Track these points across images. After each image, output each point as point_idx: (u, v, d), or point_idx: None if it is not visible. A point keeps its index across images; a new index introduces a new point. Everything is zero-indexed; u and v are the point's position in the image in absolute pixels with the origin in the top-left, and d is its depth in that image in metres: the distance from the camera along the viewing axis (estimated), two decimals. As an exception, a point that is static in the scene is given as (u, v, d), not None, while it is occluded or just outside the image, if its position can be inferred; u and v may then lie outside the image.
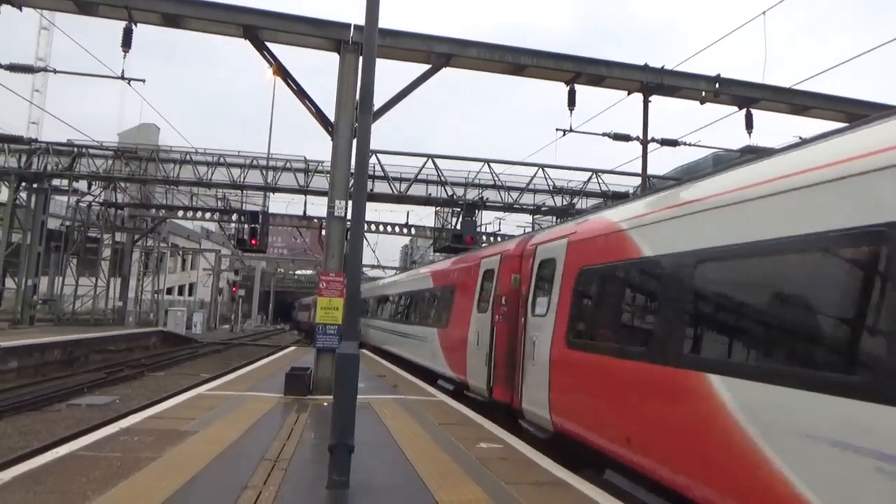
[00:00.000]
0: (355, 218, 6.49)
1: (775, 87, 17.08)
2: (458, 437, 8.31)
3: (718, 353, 5.19)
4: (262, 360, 21.13)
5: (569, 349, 7.80)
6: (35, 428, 12.49)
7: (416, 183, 28.69)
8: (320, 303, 11.56)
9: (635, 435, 5.96)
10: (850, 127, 4.73)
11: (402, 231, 37.69)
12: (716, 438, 4.78)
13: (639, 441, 5.90)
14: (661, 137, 20.11)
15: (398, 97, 13.21)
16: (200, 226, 62.53)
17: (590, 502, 5.63)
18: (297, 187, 29.45)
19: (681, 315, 5.64)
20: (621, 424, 6.24)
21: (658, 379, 5.68)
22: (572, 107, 16.60)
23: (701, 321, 5.57)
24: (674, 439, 5.37)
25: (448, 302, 14.91)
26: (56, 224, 33.92)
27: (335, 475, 5.74)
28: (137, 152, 30.67)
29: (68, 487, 5.30)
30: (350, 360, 6.03)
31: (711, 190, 5.71)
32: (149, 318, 41.20)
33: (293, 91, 13.32)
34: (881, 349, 3.71)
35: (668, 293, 5.87)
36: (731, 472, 4.60)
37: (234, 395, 11.17)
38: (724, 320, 5.34)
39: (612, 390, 6.60)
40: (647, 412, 5.84)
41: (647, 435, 5.78)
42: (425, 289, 18.46)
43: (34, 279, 29.00)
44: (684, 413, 5.26)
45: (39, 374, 19.58)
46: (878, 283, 3.89)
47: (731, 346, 5.13)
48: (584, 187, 29.88)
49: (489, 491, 5.80)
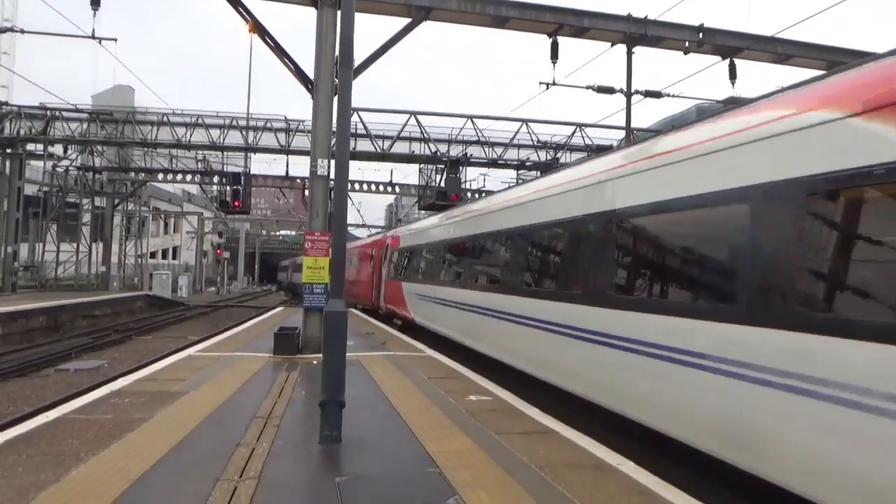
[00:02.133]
0: (338, 176, 6.43)
1: (759, 35, 16.97)
2: (448, 390, 8.45)
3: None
4: (249, 321, 21.19)
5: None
6: (24, 393, 12.50)
7: (399, 140, 28.42)
8: (306, 262, 11.54)
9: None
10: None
11: (386, 189, 37.47)
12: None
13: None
14: (646, 89, 19.99)
15: (378, 52, 12.97)
16: (181, 188, 61.69)
17: (576, 448, 5.78)
18: (278, 147, 29.06)
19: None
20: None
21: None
22: (555, 59, 16.45)
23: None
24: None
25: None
26: (33, 190, 33.32)
27: (327, 430, 5.83)
28: (113, 114, 29.99)
29: (61, 450, 5.34)
30: (338, 318, 6.06)
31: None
32: (133, 282, 40.95)
33: (271, 48, 13.01)
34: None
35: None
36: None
37: (224, 356, 11.22)
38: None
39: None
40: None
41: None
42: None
43: (14, 246, 28.62)
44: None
45: (25, 340, 19.49)
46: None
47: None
48: (568, 141, 29.75)
49: (479, 441, 5.93)
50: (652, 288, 6.28)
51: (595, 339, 6.77)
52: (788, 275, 4.36)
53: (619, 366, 6.30)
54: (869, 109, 3.89)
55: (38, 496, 4.25)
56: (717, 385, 4.85)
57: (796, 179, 4.32)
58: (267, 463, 5.17)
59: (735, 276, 4.85)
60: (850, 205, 4.09)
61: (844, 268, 4.11)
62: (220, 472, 4.88)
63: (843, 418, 3.75)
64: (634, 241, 6.65)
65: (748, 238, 4.71)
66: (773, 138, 4.65)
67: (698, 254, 5.64)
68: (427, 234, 17.03)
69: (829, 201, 4.18)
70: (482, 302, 11.03)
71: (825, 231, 4.25)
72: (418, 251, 17.55)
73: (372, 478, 4.93)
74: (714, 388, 4.89)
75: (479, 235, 12.04)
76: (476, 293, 11.59)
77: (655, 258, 6.36)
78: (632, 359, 5.99)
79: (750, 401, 4.51)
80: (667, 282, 6.08)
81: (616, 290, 6.64)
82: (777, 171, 4.51)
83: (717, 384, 4.85)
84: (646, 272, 6.50)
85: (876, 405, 3.55)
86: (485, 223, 11.79)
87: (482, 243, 11.96)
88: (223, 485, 4.60)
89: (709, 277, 5.49)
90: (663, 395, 5.55)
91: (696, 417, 5.12)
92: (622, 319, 6.30)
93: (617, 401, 6.33)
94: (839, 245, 4.16)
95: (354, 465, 5.29)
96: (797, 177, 4.32)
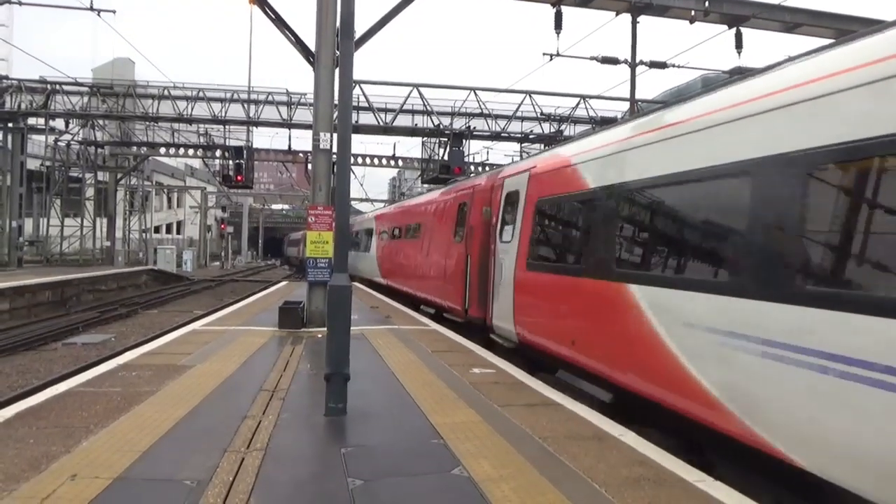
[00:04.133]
0: (341, 150, 6.40)
1: (766, 3, 16.69)
2: (451, 363, 8.51)
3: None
4: (254, 295, 21.31)
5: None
6: (33, 367, 12.66)
7: (401, 113, 28.19)
8: (310, 237, 11.56)
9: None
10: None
11: (389, 163, 37.29)
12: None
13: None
14: (650, 60, 19.76)
15: (381, 23, 12.81)
16: (184, 163, 61.54)
17: (579, 419, 5.84)
18: (280, 121, 28.87)
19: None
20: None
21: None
22: (559, 29, 16.23)
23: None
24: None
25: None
26: (36, 165, 33.25)
27: (332, 403, 5.89)
28: (114, 88, 29.80)
29: (71, 422, 5.42)
30: (342, 292, 6.09)
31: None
32: (138, 257, 41.10)
33: (271, 20, 12.86)
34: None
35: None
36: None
37: (229, 330, 11.30)
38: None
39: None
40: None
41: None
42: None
43: (18, 221, 28.68)
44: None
45: (32, 314, 19.67)
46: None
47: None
48: (572, 113, 29.47)
49: (483, 413, 5.99)
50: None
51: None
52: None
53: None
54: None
55: (49, 467, 4.32)
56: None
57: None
58: (273, 435, 5.23)
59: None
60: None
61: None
62: (227, 443, 4.95)
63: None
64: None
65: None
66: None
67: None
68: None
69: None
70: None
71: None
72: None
73: (377, 449, 4.99)
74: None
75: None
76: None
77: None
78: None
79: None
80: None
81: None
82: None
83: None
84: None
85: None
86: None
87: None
88: (230, 456, 4.67)
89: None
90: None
91: None
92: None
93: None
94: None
95: (359, 436, 5.35)
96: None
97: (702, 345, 5.10)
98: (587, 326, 7.14)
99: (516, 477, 4.36)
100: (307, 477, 4.48)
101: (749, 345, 4.60)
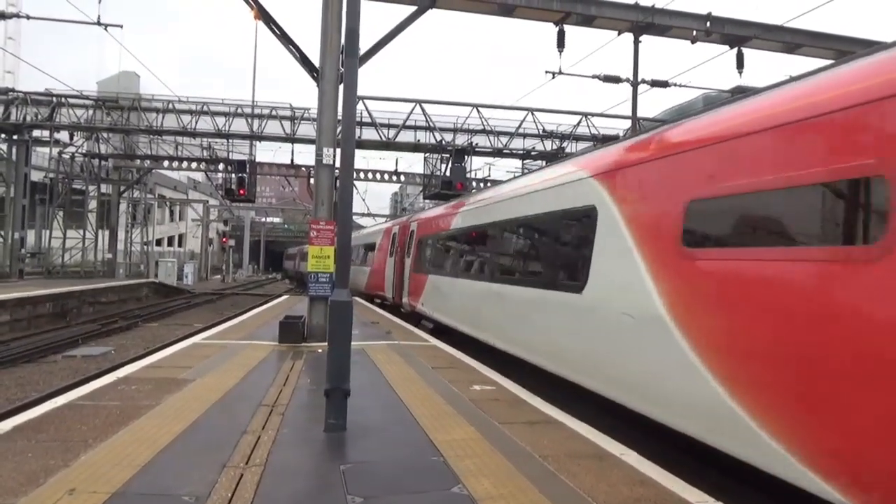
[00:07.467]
0: (344, 165, 6.43)
1: (767, 24, 16.82)
2: (452, 379, 8.49)
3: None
4: (254, 309, 21.28)
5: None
6: (32, 379, 12.62)
7: (404, 129, 28.37)
8: (311, 251, 11.56)
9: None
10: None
11: (391, 178, 37.45)
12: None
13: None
14: (652, 79, 19.88)
15: (384, 40, 12.92)
16: (187, 176, 61.77)
17: (580, 438, 5.81)
18: (283, 135, 29.06)
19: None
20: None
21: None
22: (561, 48, 16.35)
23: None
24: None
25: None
26: (40, 176, 33.40)
27: (332, 419, 5.87)
28: (119, 101, 30.01)
29: (69, 435, 5.40)
30: (343, 307, 6.09)
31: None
32: (139, 269, 41.13)
33: (276, 36, 12.98)
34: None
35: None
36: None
37: (230, 344, 11.29)
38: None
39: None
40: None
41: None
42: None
43: (20, 232, 28.75)
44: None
45: (32, 326, 19.66)
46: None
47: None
48: (573, 131, 29.63)
49: (483, 430, 5.96)
50: None
51: None
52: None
53: None
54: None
55: (47, 481, 4.30)
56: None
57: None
58: (273, 450, 5.21)
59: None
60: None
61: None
62: (226, 458, 4.93)
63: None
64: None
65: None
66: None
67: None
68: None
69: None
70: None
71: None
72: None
73: (376, 466, 4.97)
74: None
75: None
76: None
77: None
78: None
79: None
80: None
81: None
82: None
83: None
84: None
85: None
86: None
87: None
88: (229, 471, 4.65)
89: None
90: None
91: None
92: None
93: None
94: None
95: (359, 453, 5.33)
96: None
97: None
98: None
99: (516, 496, 4.34)
100: (306, 494, 4.45)
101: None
